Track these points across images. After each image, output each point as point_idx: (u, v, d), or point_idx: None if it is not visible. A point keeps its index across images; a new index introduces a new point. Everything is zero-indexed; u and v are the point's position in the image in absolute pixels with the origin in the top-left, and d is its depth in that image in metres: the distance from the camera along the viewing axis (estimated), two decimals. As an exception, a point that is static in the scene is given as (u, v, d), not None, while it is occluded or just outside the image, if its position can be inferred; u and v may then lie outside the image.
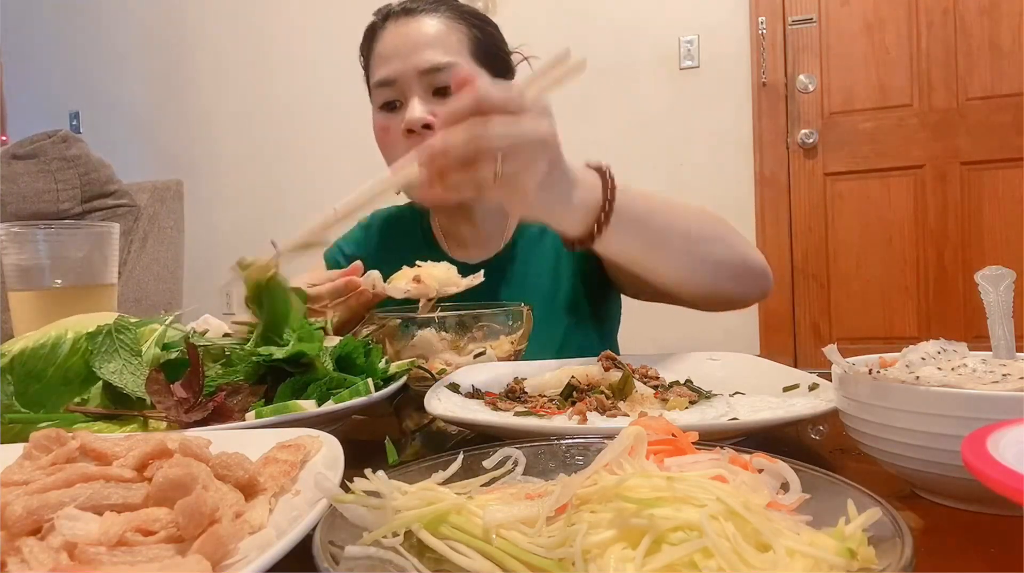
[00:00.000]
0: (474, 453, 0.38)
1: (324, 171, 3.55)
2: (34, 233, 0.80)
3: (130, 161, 3.44)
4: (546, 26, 3.00)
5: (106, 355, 0.58)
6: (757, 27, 2.92)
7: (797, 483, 0.33)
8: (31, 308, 0.80)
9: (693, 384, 0.68)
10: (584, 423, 0.54)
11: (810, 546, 0.27)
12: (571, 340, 1.06)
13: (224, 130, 3.74)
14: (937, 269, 2.81)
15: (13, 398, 0.55)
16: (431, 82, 0.98)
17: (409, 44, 0.99)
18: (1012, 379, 0.41)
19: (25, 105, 4.08)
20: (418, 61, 0.98)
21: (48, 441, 0.39)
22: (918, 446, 0.40)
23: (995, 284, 0.50)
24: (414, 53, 0.98)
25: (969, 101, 2.75)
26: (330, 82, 3.48)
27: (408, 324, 0.87)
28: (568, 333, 1.07)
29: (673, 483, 0.29)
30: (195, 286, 3.32)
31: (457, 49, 1.00)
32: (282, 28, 3.61)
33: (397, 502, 0.31)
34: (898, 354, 0.48)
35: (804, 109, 2.93)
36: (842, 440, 0.54)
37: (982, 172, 2.76)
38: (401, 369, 0.72)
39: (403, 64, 0.99)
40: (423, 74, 0.98)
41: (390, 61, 1.00)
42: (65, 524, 0.30)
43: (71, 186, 1.87)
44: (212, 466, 0.37)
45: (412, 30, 1.00)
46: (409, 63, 0.98)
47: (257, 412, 0.55)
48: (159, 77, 3.84)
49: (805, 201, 2.95)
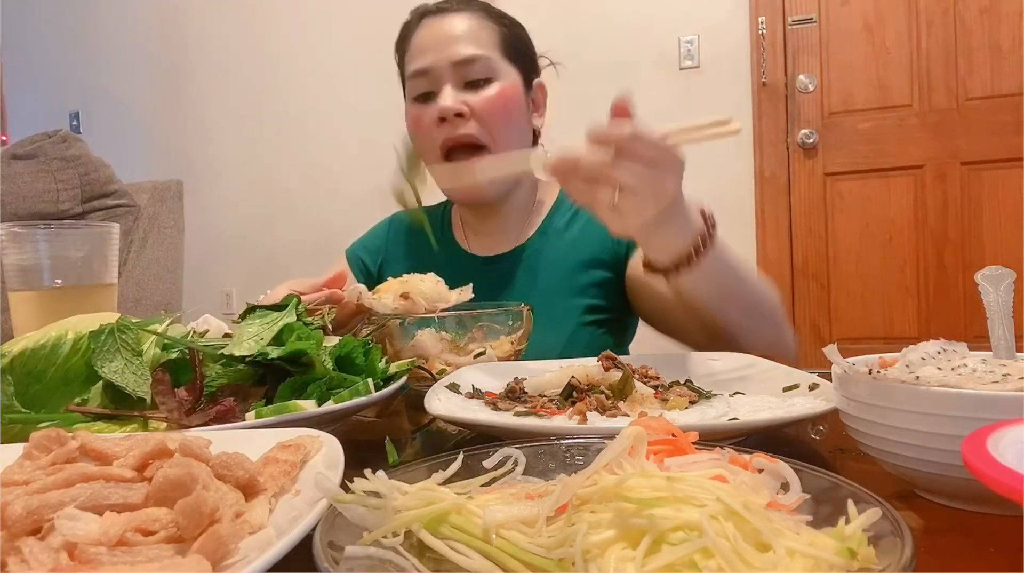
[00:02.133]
0: (474, 453, 0.38)
1: (324, 171, 3.55)
2: (34, 233, 0.80)
3: (130, 161, 3.45)
4: (546, 26, 2.99)
5: (108, 354, 0.58)
6: (757, 27, 2.92)
7: (797, 483, 0.33)
8: (31, 308, 0.80)
9: (693, 384, 0.68)
10: (584, 423, 0.54)
11: (810, 546, 0.27)
12: (580, 336, 1.07)
13: (224, 130, 3.74)
14: (937, 269, 2.81)
15: (13, 398, 0.55)
16: (464, 74, 1.04)
17: (443, 38, 1.05)
18: (1012, 379, 0.41)
19: (25, 105, 4.09)
20: (451, 53, 1.03)
21: (48, 441, 0.39)
22: (918, 446, 0.39)
23: (995, 284, 0.50)
24: (448, 46, 1.04)
25: (969, 101, 2.75)
26: (330, 82, 3.49)
27: (408, 324, 0.87)
28: (578, 328, 1.08)
29: (673, 483, 0.29)
30: (195, 286, 3.32)
31: (488, 44, 1.05)
32: (282, 28, 3.61)
33: (397, 502, 0.31)
34: (898, 354, 0.48)
35: (804, 109, 2.93)
36: (842, 440, 0.54)
37: (982, 172, 2.76)
38: (401, 369, 0.72)
39: (436, 56, 1.04)
40: (456, 65, 1.03)
41: (424, 53, 1.06)
42: (65, 524, 0.30)
43: (71, 186, 1.87)
44: (212, 466, 0.37)
45: (446, 25, 1.06)
46: (443, 55, 1.04)
47: (257, 412, 0.55)
48: (159, 77, 3.85)
49: (805, 201, 2.95)
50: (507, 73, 1.07)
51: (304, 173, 3.60)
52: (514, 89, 1.07)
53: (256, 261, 3.66)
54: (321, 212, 3.50)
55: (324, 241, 3.19)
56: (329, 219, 3.41)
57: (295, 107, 3.60)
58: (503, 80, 1.05)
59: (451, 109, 1.01)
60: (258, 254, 3.67)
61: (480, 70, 1.04)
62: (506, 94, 1.05)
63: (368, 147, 3.16)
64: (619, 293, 1.10)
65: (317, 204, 3.54)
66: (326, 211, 3.47)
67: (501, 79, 1.05)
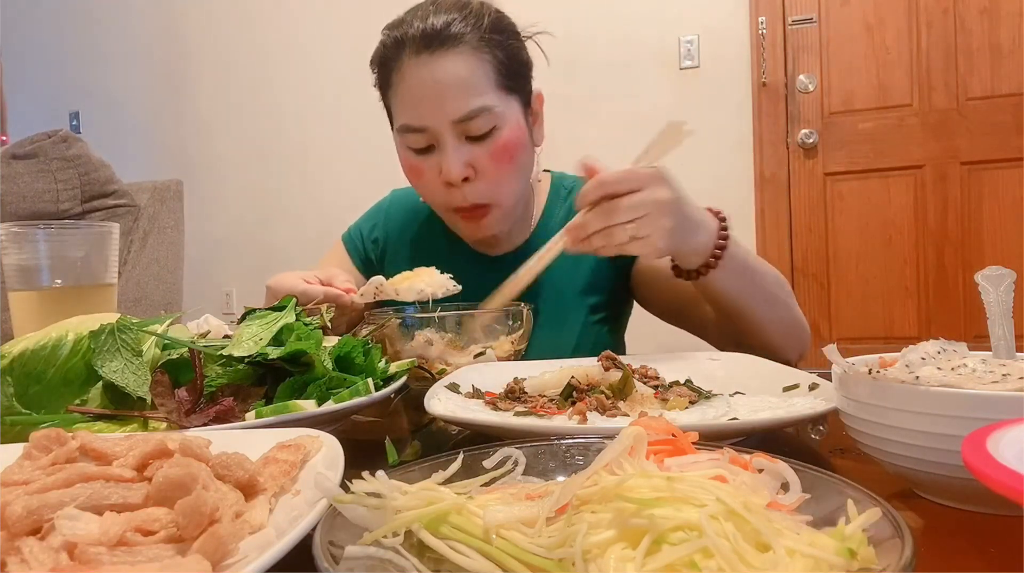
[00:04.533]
0: (474, 453, 0.38)
1: (324, 171, 3.55)
2: (34, 233, 0.80)
3: (130, 161, 3.45)
4: (546, 26, 2.99)
5: (108, 354, 0.58)
6: (757, 27, 2.92)
7: (797, 483, 0.33)
8: (31, 308, 0.80)
9: (693, 384, 0.68)
10: (584, 423, 0.54)
11: (810, 546, 0.27)
12: (586, 337, 1.07)
13: (224, 130, 3.74)
14: (937, 269, 2.81)
15: (13, 399, 0.55)
16: (465, 129, 0.94)
17: (438, 90, 0.93)
18: (1012, 379, 0.41)
19: (25, 105, 4.09)
20: (451, 111, 0.93)
21: (48, 441, 0.39)
22: (918, 446, 0.39)
23: (995, 284, 0.50)
24: (445, 101, 0.93)
25: (969, 101, 2.75)
26: (330, 82, 3.49)
27: (408, 324, 0.87)
28: (584, 330, 1.08)
29: (673, 483, 0.29)
30: (195, 286, 3.32)
31: (485, 85, 0.95)
32: (282, 28, 3.61)
33: (397, 502, 0.31)
34: (898, 354, 0.48)
35: (804, 109, 2.93)
36: (842, 440, 0.54)
37: (982, 172, 2.76)
38: (401, 369, 0.72)
39: (433, 113, 0.94)
40: (456, 123, 0.93)
41: (418, 107, 0.95)
42: (65, 524, 0.30)
43: (71, 186, 1.87)
44: (212, 466, 0.37)
45: (438, 73, 0.93)
46: (440, 113, 0.93)
47: (257, 412, 0.55)
48: (159, 77, 3.85)
49: (805, 201, 2.95)
50: (509, 111, 0.97)
51: (304, 173, 3.60)
52: (519, 130, 0.98)
53: (256, 261, 3.66)
54: (321, 212, 3.50)
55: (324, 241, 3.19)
56: (329, 219, 3.41)
57: (295, 107, 3.60)
58: (507, 126, 0.96)
59: (458, 176, 0.94)
60: (258, 254, 3.67)
61: (481, 124, 0.94)
62: (510, 144, 0.96)
63: (368, 147, 3.16)
64: (617, 288, 1.11)
65: (317, 204, 3.54)
66: (326, 211, 3.47)
67: (504, 125, 0.96)
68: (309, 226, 3.52)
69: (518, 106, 1.00)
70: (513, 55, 1.00)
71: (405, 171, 1.02)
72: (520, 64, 1.02)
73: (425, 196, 1.03)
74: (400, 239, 1.18)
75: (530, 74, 1.05)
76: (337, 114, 3.48)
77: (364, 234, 1.20)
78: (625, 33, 3.07)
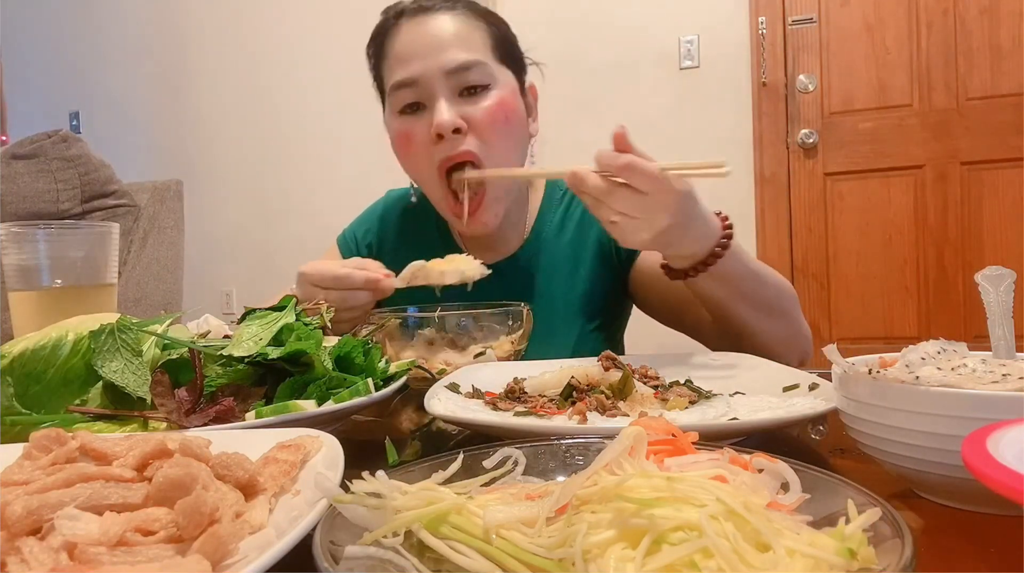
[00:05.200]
0: (474, 453, 0.38)
1: (324, 171, 3.55)
2: (34, 233, 0.80)
3: (130, 161, 3.45)
4: (546, 26, 3.00)
5: (108, 354, 0.58)
6: (757, 27, 2.92)
7: (797, 483, 0.33)
8: (31, 308, 0.80)
9: (693, 384, 0.68)
10: (584, 423, 0.54)
11: (810, 546, 0.27)
12: (584, 342, 1.05)
13: (224, 130, 3.74)
14: (937, 269, 2.81)
15: (13, 399, 0.55)
16: (458, 82, 0.93)
17: (431, 42, 0.93)
18: (1012, 379, 0.41)
19: (25, 105, 4.09)
20: (443, 60, 0.92)
21: (48, 441, 0.39)
22: (918, 446, 0.39)
23: (995, 284, 0.50)
24: (438, 51, 0.93)
25: (969, 101, 2.75)
26: (330, 82, 3.49)
27: (408, 324, 0.87)
28: (582, 335, 1.06)
29: (673, 483, 0.29)
30: (195, 286, 3.32)
31: (481, 47, 0.95)
32: (282, 28, 3.61)
33: (397, 502, 0.31)
34: (898, 354, 0.48)
35: (804, 109, 2.93)
36: (842, 440, 0.54)
37: (982, 172, 2.76)
38: (401, 369, 0.72)
39: (426, 63, 0.93)
40: (449, 74, 0.92)
41: (410, 61, 0.94)
42: (65, 524, 0.30)
43: (71, 186, 1.87)
44: (212, 466, 0.37)
45: (432, 28, 0.94)
46: (433, 62, 0.92)
47: (257, 412, 0.55)
48: (159, 77, 3.85)
49: (805, 201, 2.95)
50: (503, 78, 0.97)
51: (303, 173, 3.60)
52: (512, 96, 0.98)
53: (256, 261, 3.66)
54: (321, 212, 3.50)
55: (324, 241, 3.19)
56: (329, 219, 3.40)
57: (295, 107, 3.60)
58: (500, 87, 0.96)
59: (449, 125, 0.91)
60: (258, 254, 3.68)
61: (476, 77, 0.93)
62: (505, 103, 0.96)
63: (368, 146, 3.16)
64: (614, 292, 1.10)
65: (317, 204, 3.54)
66: (326, 211, 3.47)
67: (498, 86, 0.95)
68: (309, 226, 3.52)
69: (514, 81, 1.00)
70: (508, 37, 1.02)
71: (395, 145, 1.00)
72: (514, 47, 1.03)
73: (415, 168, 0.99)
74: (394, 243, 1.16)
75: (524, 64, 1.05)
76: (337, 115, 3.48)
77: (358, 238, 1.18)
78: (625, 33, 3.07)
